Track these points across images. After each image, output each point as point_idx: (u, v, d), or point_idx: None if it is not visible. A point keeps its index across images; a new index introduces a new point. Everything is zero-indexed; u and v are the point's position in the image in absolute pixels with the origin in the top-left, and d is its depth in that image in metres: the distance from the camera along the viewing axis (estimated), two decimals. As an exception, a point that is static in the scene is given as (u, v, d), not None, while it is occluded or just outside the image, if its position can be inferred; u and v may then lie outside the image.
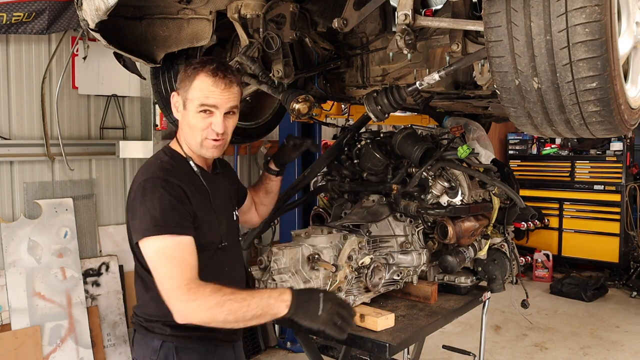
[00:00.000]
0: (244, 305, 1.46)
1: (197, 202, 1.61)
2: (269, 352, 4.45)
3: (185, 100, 1.65)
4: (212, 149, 1.69)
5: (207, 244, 1.64)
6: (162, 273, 1.51)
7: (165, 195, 1.53)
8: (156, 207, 1.52)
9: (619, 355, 4.48)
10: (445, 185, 2.26)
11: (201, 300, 1.45)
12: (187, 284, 1.47)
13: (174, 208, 1.53)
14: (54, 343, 3.43)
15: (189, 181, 1.64)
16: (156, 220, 1.51)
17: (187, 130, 1.68)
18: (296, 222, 4.25)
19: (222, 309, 1.45)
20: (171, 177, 1.59)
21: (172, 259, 1.51)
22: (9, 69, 3.43)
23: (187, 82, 1.64)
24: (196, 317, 1.47)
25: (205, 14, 2.11)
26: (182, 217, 1.54)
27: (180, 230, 1.53)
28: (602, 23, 1.21)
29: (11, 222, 3.42)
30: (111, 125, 3.94)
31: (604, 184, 6.64)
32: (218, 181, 1.79)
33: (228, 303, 1.45)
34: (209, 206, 1.68)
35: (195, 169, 1.69)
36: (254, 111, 2.84)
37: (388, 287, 2.27)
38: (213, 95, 1.62)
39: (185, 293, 1.46)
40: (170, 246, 1.51)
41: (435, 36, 2.05)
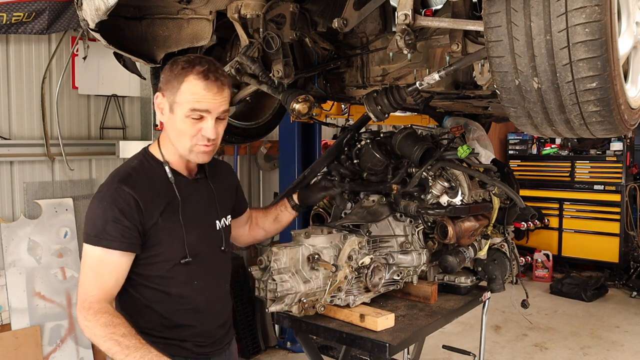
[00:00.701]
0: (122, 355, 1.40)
1: (154, 212, 1.53)
2: (269, 352, 4.46)
3: (172, 104, 1.55)
4: (203, 155, 1.60)
5: (164, 255, 1.57)
6: (81, 279, 1.51)
7: (110, 207, 1.48)
8: (99, 217, 1.49)
9: (619, 355, 4.48)
10: (445, 185, 2.25)
11: (91, 327, 1.44)
12: (90, 302, 1.45)
13: (117, 221, 1.48)
14: (54, 343, 3.43)
15: (153, 189, 1.56)
16: (95, 229, 1.48)
17: (174, 135, 1.59)
18: (296, 222, 4.24)
19: (105, 345, 1.42)
20: (126, 185, 1.51)
21: (92, 271, 1.49)
22: (9, 69, 3.44)
23: (175, 84, 1.53)
24: (86, 332, 1.46)
25: (205, 14, 2.11)
26: (123, 231, 1.48)
27: (116, 245, 1.48)
28: (602, 23, 1.21)
29: (11, 222, 3.42)
30: (111, 125, 3.94)
31: (604, 184, 6.64)
32: (198, 187, 1.70)
33: (111, 342, 1.41)
34: (175, 216, 1.59)
35: (169, 176, 1.60)
36: (254, 111, 2.84)
37: (388, 287, 2.27)
38: (205, 100, 1.52)
39: (84, 310, 1.45)
40: (97, 258, 1.49)
41: (435, 36, 2.05)
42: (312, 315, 2.04)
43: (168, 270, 1.58)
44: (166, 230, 1.56)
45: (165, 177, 1.60)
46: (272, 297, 1.88)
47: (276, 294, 1.87)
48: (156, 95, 1.61)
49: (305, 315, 2.01)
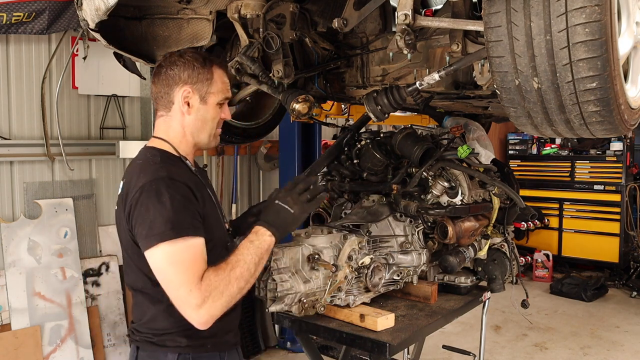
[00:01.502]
0: (242, 265, 1.45)
1: (202, 199, 1.56)
2: (269, 352, 4.46)
3: (205, 95, 1.62)
4: (217, 138, 1.73)
5: (215, 242, 1.58)
6: (172, 280, 1.42)
7: (173, 197, 1.45)
8: (168, 209, 1.43)
9: (619, 355, 4.48)
10: (445, 185, 2.26)
11: (213, 293, 1.40)
12: (197, 284, 1.40)
13: (186, 208, 1.46)
14: (54, 343, 3.43)
15: (191, 179, 1.58)
16: (170, 222, 1.42)
17: (200, 125, 1.65)
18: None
19: (232, 283, 1.43)
20: (176, 176, 1.51)
21: (182, 263, 1.42)
22: (9, 69, 3.44)
23: (206, 75, 1.61)
24: (216, 311, 1.41)
25: (205, 14, 2.11)
26: (193, 216, 1.48)
27: (193, 231, 1.45)
28: (602, 23, 1.21)
29: (11, 222, 3.42)
30: (111, 125, 3.94)
31: (604, 184, 6.64)
32: (206, 178, 1.78)
33: (232, 274, 1.44)
34: (212, 204, 1.63)
35: (192, 169, 1.65)
36: (254, 111, 2.84)
37: (388, 287, 2.27)
38: (228, 87, 1.68)
39: (198, 295, 1.39)
40: (182, 250, 1.42)
41: (435, 36, 2.05)
42: (312, 315, 2.04)
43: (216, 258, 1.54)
44: (212, 216, 1.60)
45: (189, 170, 1.64)
46: (272, 297, 1.88)
47: (276, 294, 1.87)
48: (183, 90, 1.60)
49: (305, 315, 2.01)
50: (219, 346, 1.63)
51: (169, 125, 1.65)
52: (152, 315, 1.56)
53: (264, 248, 1.52)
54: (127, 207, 1.50)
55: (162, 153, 1.62)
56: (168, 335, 1.54)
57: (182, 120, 1.63)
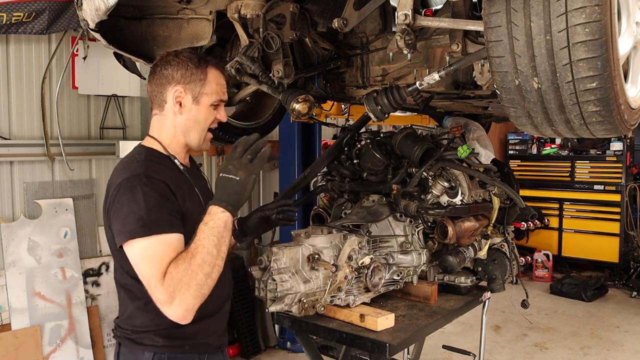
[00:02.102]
0: (202, 250, 1.40)
1: (183, 196, 1.55)
2: (269, 352, 4.46)
3: (198, 95, 1.61)
4: (208, 142, 1.72)
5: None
6: (143, 276, 1.43)
7: (149, 194, 1.45)
8: (141, 207, 1.43)
9: (619, 355, 4.48)
10: (445, 185, 2.26)
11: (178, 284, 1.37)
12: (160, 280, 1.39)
13: (161, 205, 1.46)
14: (54, 343, 3.43)
15: (173, 177, 1.57)
16: (142, 220, 1.42)
17: (192, 125, 1.64)
18: (296, 222, 4.25)
19: (196, 271, 1.38)
20: (154, 173, 1.51)
21: (150, 259, 1.42)
22: (9, 69, 3.44)
23: (200, 75, 1.60)
24: (189, 302, 1.38)
25: (205, 14, 2.11)
26: (169, 213, 1.46)
27: (168, 228, 1.44)
28: (602, 23, 1.21)
29: (11, 222, 3.42)
30: (111, 125, 3.94)
31: (604, 184, 6.64)
32: (199, 176, 1.78)
33: (193, 262, 1.38)
34: (198, 202, 1.62)
35: (180, 167, 1.64)
36: (254, 111, 2.84)
37: (388, 287, 2.27)
38: (224, 89, 1.68)
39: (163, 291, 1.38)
40: (152, 246, 1.42)
41: (435, 36, 2.05)
42: (312, 315, 2.04)
43: None
44: (195, 215, 1.55)
45: (177, 169, 1.63)
46: (272, 297, 1.88)
47: (276, 294, 1.87)
48: (175, 89, 1.60)
49: (305, 315, 2.01)
50: (198, 348, 1.61)
51: (162, 124, 1.66)
52: (130, 312, 1.58)
53: (221, 226, 1.44)
54: (107, 203, 1.53)
55: (149, 151, 1.63)
56: (145, 333, 1.55)
57: (174, 119, 1.64)
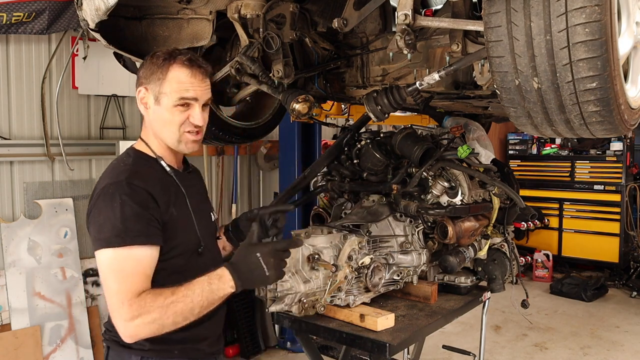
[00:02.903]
0: (187, 302, 1.38)
1: (167, 203, 1.52)
2: (269, 352, 4.46)
3: (158, 95, 1.56)
4: (191, 144, 1.61)
5: (182, 247, 1.55)
6: (109, 287, 1.41)
7: (126, 203, 1.43)
8: (117, 216, 1.41)
9: (619, 355, 4.48)
10: (445, 185, 2.26)
11: (144, 315, 1.36)
12: (130, 299, 1.37)
13: (138, 215, 1.43)
14: (54, 343, 3.43)
15: (159, 182, 1.54)
16: (117, 229, 1.41)
17: (160, 127, 1.59)
18: (296, 222, 4.25)
19: (167, 315, 1.37)
20: (136, 179, 1.48)
21: (121, 272, 1.40)
22: (9, 69, 3.44)
23: (159, 75, 1.55)
24: (143, 333, 1.38)
25: (205, 14, 2.11)
26: (147, 224, 1.44)
27: (144, 239, 1.43)
28: (602, 23, 1.21)
29: (11, 222, 3.42)
30: (111, 125, 3.94)
31: (604, 184, 6.64)
32: (192, 180, 1.72)
33: (171, 306, 1.37)
34: (185, 207, 1.58)
35: (167, 169, 1.60)
36: (254, 111, 2.84)
37: (388, 287, 2.27)
38: (192, 87, 1.55)
39: (127, 311, 1.36)
40: (124, 259, 1.41)
41: (435, 36, 2.05)
42: (312, 315, 2.04)
43: (185, 263, 1.55)
44: (180, 221, 1.55)
45: (163, 172, 1.60)
46: (272, 297, 1.88)
47: (276, 294, 1.87)
48: (138, 90, 1.61)
49: (305, 315, 2.01)
50: (189, 353, 1.58)
51: (145, 126, 1.67)
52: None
53: (219, 296, 1.42)
54: (88, 207, 1.52)
55: (137, 154, 1.63)
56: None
57: (147, 120, 1.64)
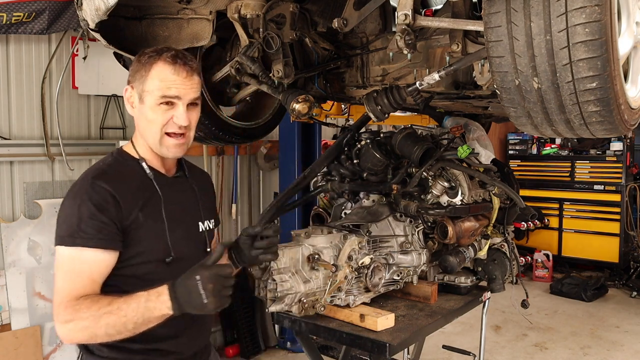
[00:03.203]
0: (121, 316, 1.31)
1: (133, 207, 1.46)
2: (269, 352, 4.46)
3: (141, 93, 1.50)
4: (174, 148, 1.53)
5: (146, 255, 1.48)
6: (56, 287, 1.39)
7: (84, 203, 1.40)
8: (74, 215, 1.39)
9: (619, 355, 4.48)
10: (445, 185, 2.26)
11: (77, 321, 1.32)
12: (68, 301, 1.34)
13: (93, 217, 1.39)
14: (54, 343, 3.43)
15: (131, 185, 1.49)
16: (71, 229, 1.39)
17: (144, 126, 1.53)
18: (296, 222, 4.25)
19: (99, 325, 1.31)
20: (102, 180, 1.44)
21: (69, 275, 1.38)
22: (9, 69, 3.43)
23: (143, 72, 1.49)
24: (76, 338, 1.35)
25: (205, 14, 2.11)
26: (100, 228, 1.39)
27: (94, 243, 1.39)
28: (602, 23, 1.21)
29: (11, 222, 3.42)
30: (111, 125, 3.94)
31: (604, 184, 6.64)
32: (180, 185, 1.63)
33: (104, 317, 1.31)
34: (157, 213, 1.51)
35: (147, 171, 1.54)
36: (254, 111, 2.84)
37: (388, 287, 2.27)
38: (175, 85, 1.47)
39: (62, 313, 1.34)
40: (73, 260, 1.38)
41: (435, 36, 2.05)
42: (312, 315, 2.04)
43: (149, 271, 1.48)
44: (148, 227, 1.47)
45: (143, 174, 1.54)
46: (272, 297, 1.88)
47: (276, 294, 1.87)
48: (125, 89, 1.56)
49: (305, 315, 2.01)
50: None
51: (136, 125, 1.60)
52: None
53: (155, 315, 1.33)
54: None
55: (120, 154, 1.59)
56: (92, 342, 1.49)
57: (134, 120, 1.58)
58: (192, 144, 1.65)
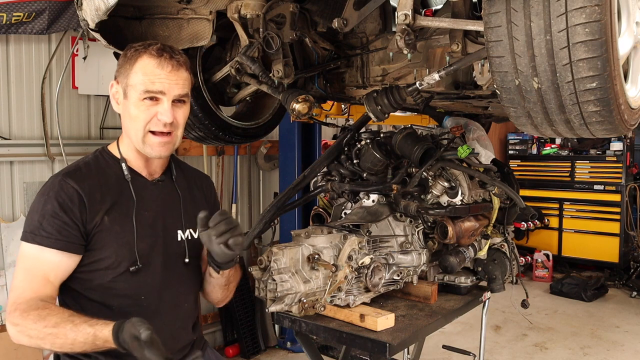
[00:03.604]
0: (67, 341, 1.26)
1: (100, 210, 1.40)
2: (269, 352, 4.46)
3: (125, 88, 1.43)
4: (158, 147, 1.45)
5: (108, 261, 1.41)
6: (13, 282, 1.36)
7: (50, 200, 1.37)
8: (39, 212, 1.37)
9: (619, 355, 4.48)
10: (445, 185, 2.26)
11: (23, 328, 1.29)
12: (20, 303, 1.31)
13: (55, 216, 1.35)
14: (54, 343, 3.43)
15: (103, 187, 1.43)
16: (33, 225, 1.36)
17: (127, 123, 1.45)
18: (296, 222, 4.25)
19: (45, 341, 1.28)
20: (72, 178, 1.40)
21: (25, 273, 1.35)
22: (9, 69, 3.44)
23: (127, 66, 1.43)
24: (22, 342, 1.32)
25: (205, 14, 2.11)
26: (61, 227, 1.35)
27: (52, 243, 1.35)
28: (602, 23, 1.21)
29: (11, 222, 3.42)
30: (111, 125, 3.94)
31: (604, 184, 6.64)
32: (159, 191, 1.54)
33: (49, 337, 1.27)
34: (126, 219, 1.44)
35: (125, 173, 1.47)
36: (254, 111, 2.84)
37: (388, 287, 2.27)
38: (159, 79, 1.40)
39: (12, 314, 1.31)
40: (31, 258, 1.35)
41: (435, 36, 2.05)
42: (312, 315, 2.04)
43: (112, 279, 1.41)
44: (113, 232, 1.41)
45: (121, 176, 1.47)
46: (272, 297, 1.88)
47: (276, 294, 1.87)
48: (110, 85, 1.50)
49: (305, 315, 2.02)
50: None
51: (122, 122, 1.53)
52: None
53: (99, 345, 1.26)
54: None
55: (102, 152, 1.53)
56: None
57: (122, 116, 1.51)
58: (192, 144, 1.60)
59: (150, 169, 1.54)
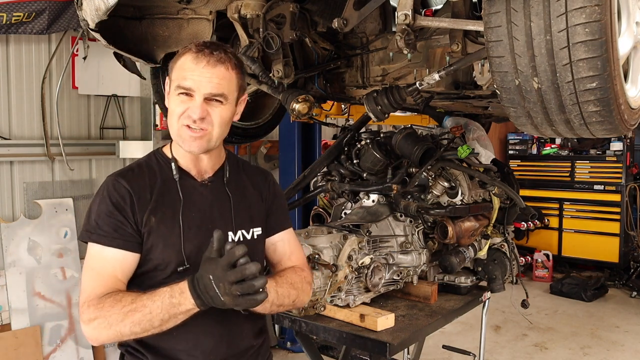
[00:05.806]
0: (145, 313, 1.27)
1: (149, 210, 1.40)
2: (269, 352, 4.45)
3: (170, 83, 1.44)
4: (190, 141, 1.41)
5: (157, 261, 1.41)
6: (84, 284, 1.37)
7: (105, 199, 1.39)
8: (94, 211, 1.39)
9: (619, 355, 4.48)
10: (445, 185, 2.26)
11: (101, 319, 1.29)
12: (91, 300, 1.32)
13: (110, 215, 1.37)
14: (54, 343, 3.43)
15: (153, 187, 1.43)
16: (90, 224, 1.39)
17: (168, 117, 1.45)
18: (296, 222, 4.25)
19: (125, 323, 1.27)
20: (124, 179, 1.42)
21: (90, 270, 1.37)
22: (9, 69, 3.44)
23: (174, 62, 1.43)
24: (102, 337, 1.31)
25: (205, 14, 2.11)
26: (116, 226, 1.37)
27: (108, 241, 1.36)
28: (602, 23, 1.21)
29: (11, 222, 3.42)
30: (111, 125, 3.94)
31: (604, 184, 6.64)
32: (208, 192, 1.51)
33: (129, 315, 1.27)
34: (174, 219, 1.42)
35: (174, 172, 1.46)
36: (254, 111, 2.84)
37: (388, 287, 2.27)
38: (191, 76, 1.37)
39: (86, 312, 1.31)
40: (95, 256, 1.38)
41: (435, 36, 2.05)
42: (312, 315, 2.04)
43: (162, 279, 1.39)
44: (161, 233, 1.40)
45: (170, 176, 1.46)
46: (272, 297, 1.88)
47: (276, 294, 1.87)
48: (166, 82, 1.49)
49: (305, 315, 2.02)
50: None
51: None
52: None
53: (181, 310, 1.27)
54: None
55: (156, 152, 1.53)
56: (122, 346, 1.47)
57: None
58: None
59: (200, 168, 1.51)
